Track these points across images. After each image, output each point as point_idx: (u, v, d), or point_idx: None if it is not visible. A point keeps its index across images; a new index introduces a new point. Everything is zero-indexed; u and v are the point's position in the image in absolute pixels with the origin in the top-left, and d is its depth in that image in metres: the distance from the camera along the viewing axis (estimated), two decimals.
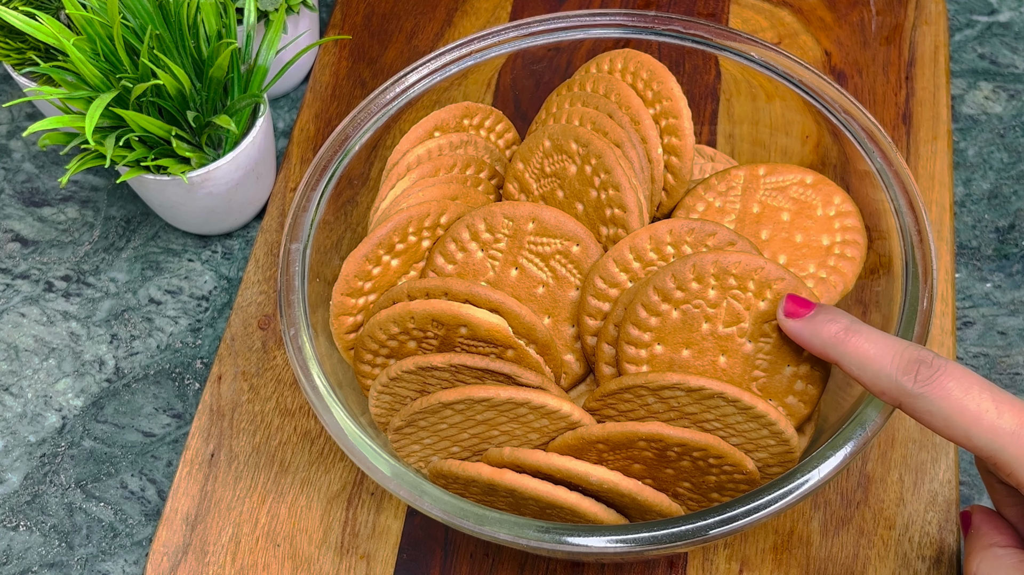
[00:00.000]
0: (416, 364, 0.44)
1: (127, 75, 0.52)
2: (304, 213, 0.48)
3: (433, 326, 0.44)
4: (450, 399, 0.43)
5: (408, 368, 0.44)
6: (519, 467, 0.43)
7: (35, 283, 0.62)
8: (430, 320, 0.44)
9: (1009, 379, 0.56)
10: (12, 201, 0.65)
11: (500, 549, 0.51)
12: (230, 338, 0.57)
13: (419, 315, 0.44)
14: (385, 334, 0.45)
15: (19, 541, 0.54)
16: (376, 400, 0.46)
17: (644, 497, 0.42)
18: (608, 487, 0.42)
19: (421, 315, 0.44)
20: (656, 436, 0.42)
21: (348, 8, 0.70)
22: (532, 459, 0.42)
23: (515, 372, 0.43)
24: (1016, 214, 0.61)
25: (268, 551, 0.51)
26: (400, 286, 0.46)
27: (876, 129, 0.48)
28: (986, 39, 0.67)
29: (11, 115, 0.68)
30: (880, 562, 0.50)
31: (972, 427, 0.37)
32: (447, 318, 0.44)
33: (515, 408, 0.43)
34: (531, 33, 0.52)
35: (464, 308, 0.44)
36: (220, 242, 0.63)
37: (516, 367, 0.43)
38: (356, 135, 0.50)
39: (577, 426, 0.43)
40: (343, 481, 0.53)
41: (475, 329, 0.44)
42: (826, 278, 0.48)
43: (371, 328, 0.46)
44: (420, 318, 0.44)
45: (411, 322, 0.44)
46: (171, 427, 0.57)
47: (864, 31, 0.66)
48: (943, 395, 0.37)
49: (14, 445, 0.56)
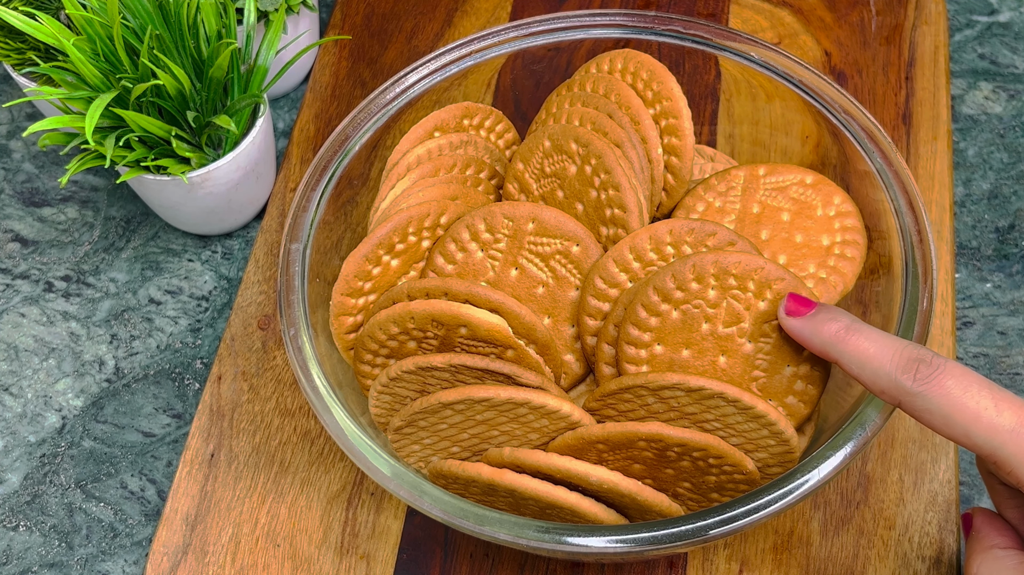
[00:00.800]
0: (416, 364, 0.44)
1: (127, 75, 0.52)
2: (304, 213, 0.48)
3: (433, 326, 0.44)
4: (450, 399, 0.43)
5: (408, 368, 0.44)
6: (519, 467, 0.43)
7: (35, 283, 0.62)
8: (430, 320, 0.44)
9: (1009, 379, 0.56)
10: (12, 201, 0.65)
11: (500, 549, 0.51)
12: (230, 338, 0.57)
13: (419, 315, 0.44)
14: (385, 334, 0.45)
15: (19, 541, 0.54)
16: (376, 400, 0.46)
17: (644, 497, 0.42)
18: (608, 487, 0.42)
19: (421, 315, 0.44)
20: (656, 436, 0.42)
21: (348, 8, 0.70)
22: (532, 459, 0.42)
23: (515, 372, 0.43)
24: (1016, 214, 0.61)
25: (268, 551, 0.51)
26: (400, 286, 0.46)
27: (876, 129, 0.48)
28: (986, 39, 0.67)
29: (11, 115, 0.68)
30: (880, 562, 0.50)
31: (971, 425, 0.37)
32: (447, 318, 0.44)
33: (515, 408, 0.43)
34: (531, 33, 0.52)
35: (464, 308, 0.44)
36: (220, 242, 0.63)
37: (516, 367, 0.43)
38: (356, 135, 0.50)
39: (577, 426, 0.43)
40: (343, 481, 0.53)
41: (475, 329, 0.44)
42: (826, 278, 0.48)
43: (371, 328, 0.46)
44: (420, 318, 0.44)
45: (411, 322, 0.44)
46: (171, 427, 0.57)
47: (864, 31, 0.66)
48: (942, 394, 0.37)
49: (14, 445, 0.56)
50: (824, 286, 0.48)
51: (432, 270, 0.48)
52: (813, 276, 0.48)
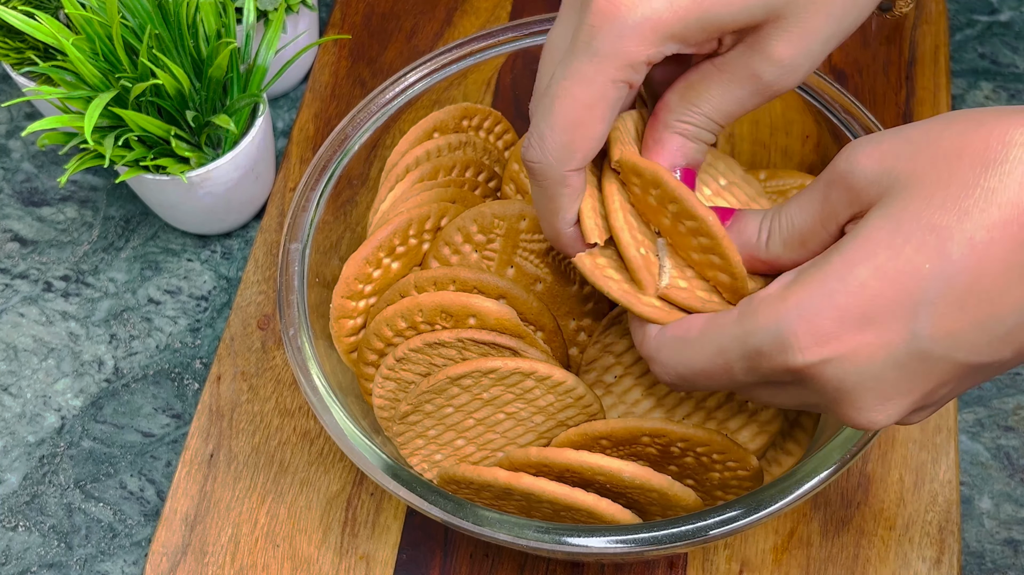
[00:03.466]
0: (424, 341, 0.44)
1: (126, 75, 0.52)
2: (303, 213, 0.48)
3: (442, 318, 0.44)
4: (458, 373, 0.43)
5: (415, 346, 0.44)
6: (546, 467, 0.42)
7: (34, 283, 0.62)
8: (439, 312, 0.44)
9: (1009, 379, 0.56)
10: (11, 201, 0.65)
11: (500, 549, 0.51)
12: (229, 338, 0.57)
13: (427, 308, 0.44)
14: (392, 330, 0.45)
15: (18, 541, 0.54)
16: (381, 388, 0.46)
17: (674, 492, 0.41)
18: (640, 483, 0.41)
19: (430, 307, 0.44)
20: (659, 432, 0.42)
21: (348, 8, 0.70)
22: (562, 458, 0.42)
23: (520, 346, 0.44)
24: None
25: (267, 551, 0.51)
26: (406, 279, 0.46)
27: (877, 129, 0.48)
28: (986, 39, 0.67)
29: (10, 115, 0.68)
30: (880, 562, 0.50)
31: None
32: (456, 308, 0.44)
33: (522, 381, 0.42)
34: (531, 33, 0.52)
35: (473, 298, 0.44)
36: (219, 242, 0.62)
37: (521, 342, 0.44)
38: (355, 135, 0.50)
39: (582, 399, 0.43)
40: (343, 481, 0.53)
41: (484, 319, 0.44)
42: None
43: (377, 325, 0.45)
44: (429, 311, 0.44)
45: (419, 315, 0.44)
46: (170, 427, 0.57)
47: (864, 31, 0.66)
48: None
49: (13, 445, 0.56)
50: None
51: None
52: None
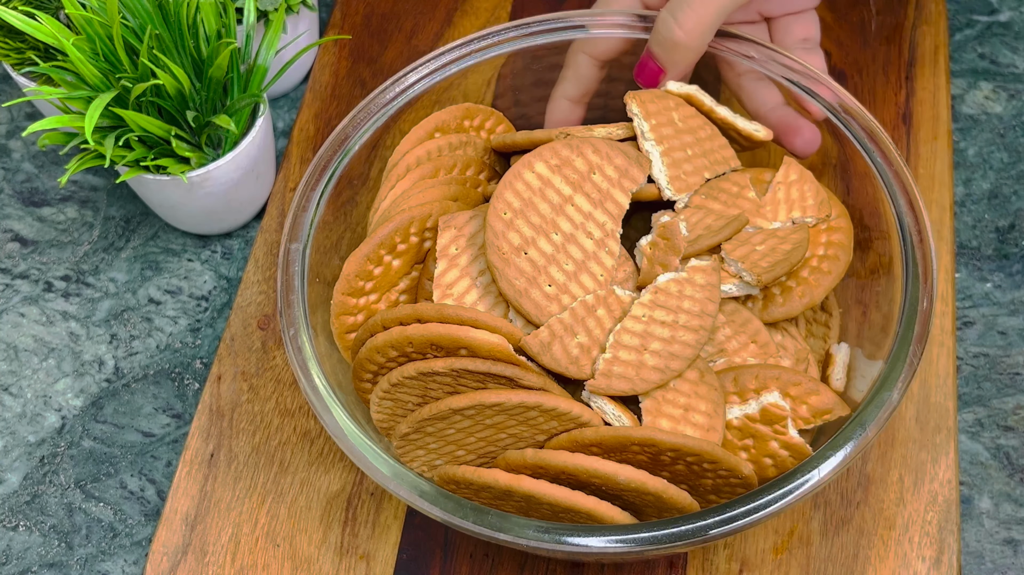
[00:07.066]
0: (417, 370, 0.43)
1: (127, 75, 0.52)
2: (304, 213, 0.48)
3: (432, 350, 0.44)
4: (461, 405, 0.42)
5: (409, 374, 0.43)
6: (542, 469, 0.42)
7: (34, 283, 0.62)
8: (429, 344, 0.43)
9: (1009, 379, 0.56)
10: (11, 201, 0.65)
11: (500, 549, 0.51)
12: (230, 338, 0.57)
13: (417, 340, 0.43)
14: (384, 358, 0.45)
15: (19, 541, 0.54)
16: (378, 407, 0.46)
17: (670, 495, 0.41)
18: (635, 486, 0.41)
19: (419, 340, 0.43)
20: (649, 440, 0.41)
21: (348, 8, 0.70)
22: (558, 461, 0.42)
23: (517, 375, 0.43)
24: (1016, 214, 0.61)
25: (268, 551, 0.51)
26: (394, 312, 0.44)
27: (876, 129, 0.48)
28: (986, 39, 0.67)
29: (11, 115, 0.68)
30: (880, 562, 0.50)
31: None
32: (447, 341, 0.43)
33: (526, 411, 0.42)
34: (531, 33, 0.52)
35: (463, 330, 0.42)
36: (220, 242, 0.63)
37: (517, 370, 0.43)
38: (356, 135, 0.50)
39: (588, 426, 0.43)
40: (343, 481, 0.53)
41: (476, 350, 0.43)
42: (794, 288, 0.48)
43: (369, 352, 0.45)
44: (419, 342, 0.43)
45: (410, 347, 0.43)
46: (171, 427, 0.57)
47: (864, 31, 0.66)
48: None
49: (13, 445, 0.56)
50: (789, 296, 0.48)
51: (426, 281, 0.48)
52: (781, 284, 0.48)
